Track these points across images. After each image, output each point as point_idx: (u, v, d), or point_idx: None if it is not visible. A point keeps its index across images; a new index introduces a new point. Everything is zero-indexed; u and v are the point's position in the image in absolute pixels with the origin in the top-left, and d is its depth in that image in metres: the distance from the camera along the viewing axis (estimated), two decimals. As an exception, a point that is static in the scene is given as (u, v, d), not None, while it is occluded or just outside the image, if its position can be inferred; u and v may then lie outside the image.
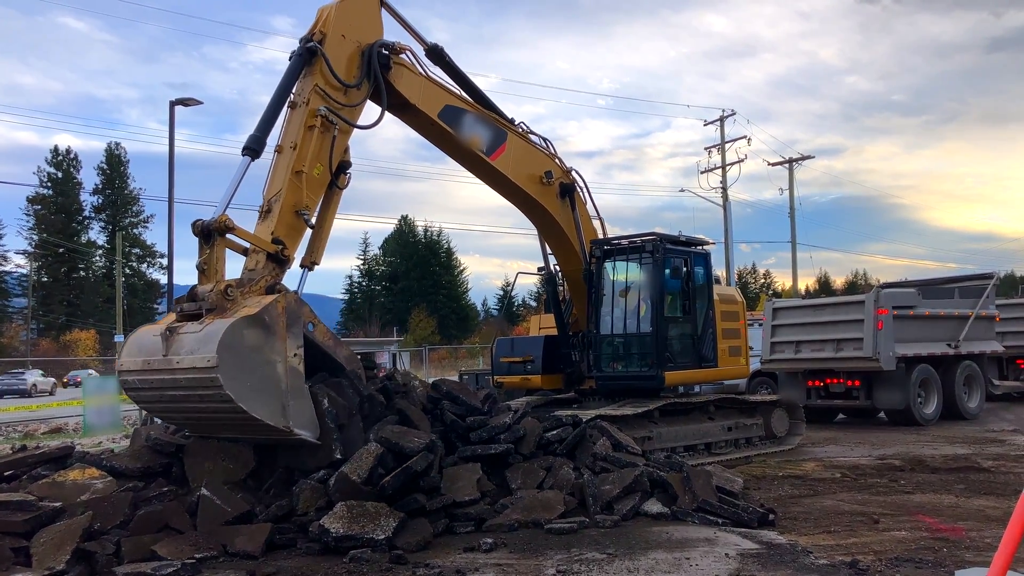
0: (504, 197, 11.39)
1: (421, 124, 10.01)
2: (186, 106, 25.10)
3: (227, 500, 6.92)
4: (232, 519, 6.79)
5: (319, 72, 8.45)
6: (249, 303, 7.30)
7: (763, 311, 17.76)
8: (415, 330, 69.82)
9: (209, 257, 7.44)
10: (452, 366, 43.22)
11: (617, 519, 7.35)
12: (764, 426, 12.87)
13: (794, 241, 47.05)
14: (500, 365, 12.74)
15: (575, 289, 12.42)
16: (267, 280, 7.75)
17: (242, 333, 6.95)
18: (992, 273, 18.55)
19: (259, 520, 6.88)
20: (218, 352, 6.71)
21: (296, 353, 7.34)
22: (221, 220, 7.40)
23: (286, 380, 7.23)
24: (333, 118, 8.46)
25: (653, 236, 12.07)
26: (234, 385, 6.81)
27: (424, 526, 6.87)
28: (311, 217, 8.30)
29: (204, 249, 7.50)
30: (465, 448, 8.06)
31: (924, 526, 7.20)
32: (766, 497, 8.66)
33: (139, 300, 77.06)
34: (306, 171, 8.19)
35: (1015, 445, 12.64)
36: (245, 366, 6.95)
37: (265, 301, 7.26)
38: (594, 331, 12.05)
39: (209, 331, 6.92)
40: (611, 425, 9.48)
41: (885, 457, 11.59)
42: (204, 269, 7.45)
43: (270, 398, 7.11)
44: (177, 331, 7.11)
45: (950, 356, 16.19)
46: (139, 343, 7.48)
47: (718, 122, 43.64)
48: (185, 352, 6.94)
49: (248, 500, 7.16)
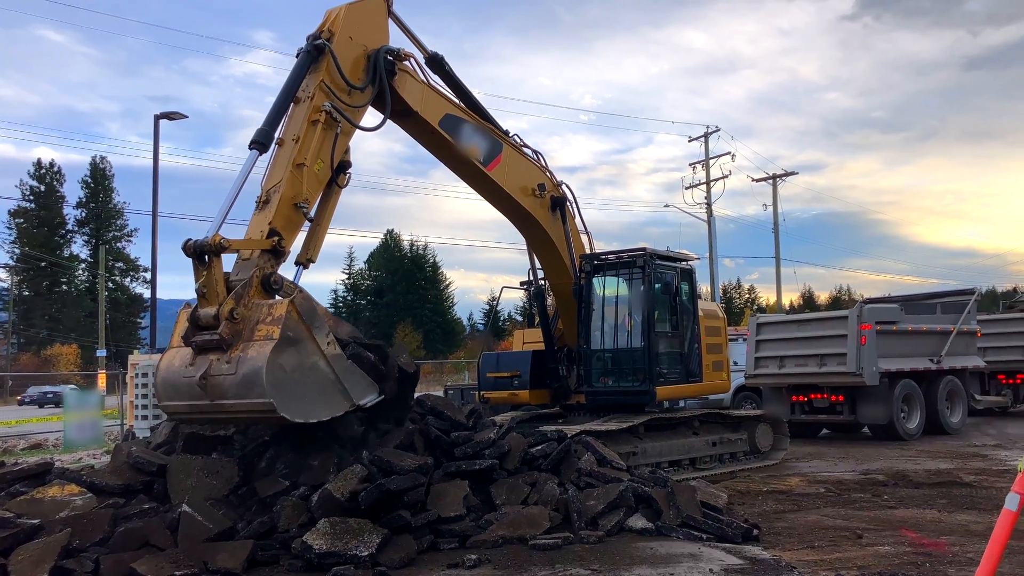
0: (497, 209, 11.41)
1: (421, 132, 9.98)
2: (171, 120, 25.06)
3: (209, 517, 6.86)
4: (214, 536, 6.72)
5: (325, 70, 8.42)
6: (262, 317, 7.08)
7: (747, 326, 17.83)
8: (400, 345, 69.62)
9: (208, 280, 7.13)
10: (438, 381, 43.08)
11: (602, 535, 7.33)
12: (748, 441, 12.90)
13: (778, 257, 47.35)
14: (487, 380, 12.70)
15: (563, 303, 12.42)
16: (261, 271, 7.44)
17: (279, 364, 6.86)
18: (973, 289, 18.73)
19: (241, 537, 6.82)
20: (270, 395, 6.71)
21: (329, 341, 7.33)
22: (215, 240, 7.09)
23: (333, 369, 7.29)
24: (336, 115, 8.42)
25: (643, 251, 12.12)
26: (296, 409, 6.92)
27: (408, 542, 6.82)
28: (310, 210, 8.19)
29: (200, 271, 7.18)
30: (450, 464, 8.02)
31: (907, 541, 7.23)
32: (750, 512, 8.67)
33: (122, 314, 76.48)
34: (307, 164, 8.11)
35: (997, 460, 12.72)
36: (297, 389, 6.99)
37: (277, 313, 7.05)
38: (584, 346, 12.05)
39: (248, 375, 6.79)
40: (596, 440, 9.47)
41: (869, 472, 11.63)
42: (204, 292, 7.12)
43: (329, 396, 7.26)
44: (211, 376, 6.93)
45: (932, 371, 16.30)
46: (174, 386, 7.24)
47: (702, 138, 43.95)
48: (233, 396, 6.87)
49: (230, 517, 7.10)
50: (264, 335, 6.94)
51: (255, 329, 7.02)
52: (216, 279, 7.10)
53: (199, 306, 7.10)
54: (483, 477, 8.03)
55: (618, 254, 12.54)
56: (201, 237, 7.16)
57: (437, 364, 57.28)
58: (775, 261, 47.39)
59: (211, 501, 7.19)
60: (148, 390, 14.18)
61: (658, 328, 11.94)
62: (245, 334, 7.01)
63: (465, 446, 8.18)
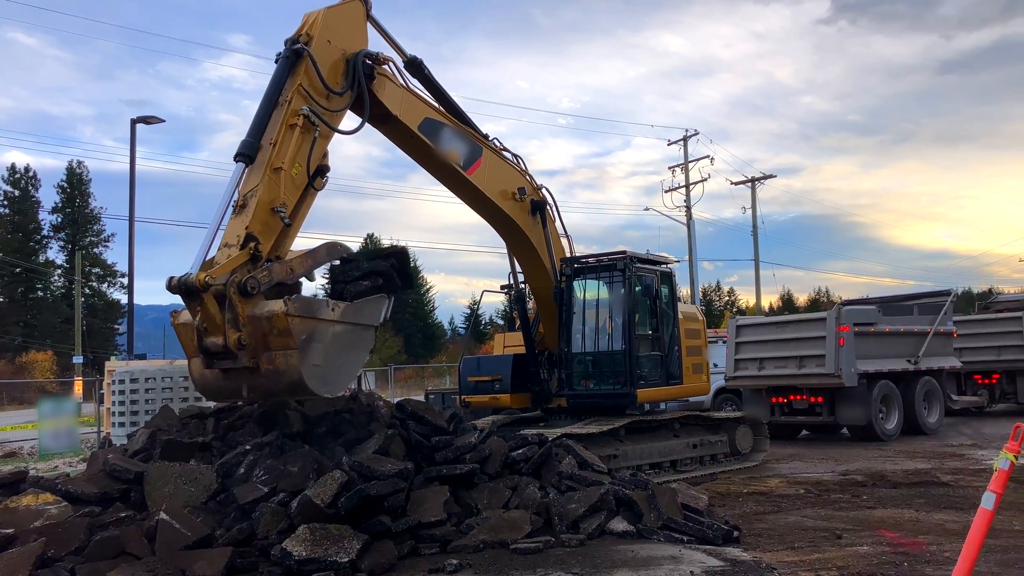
0: (477, 212, 11.40)
1: (400, 136, 9.96)
2: (148, 124, 24.86)
3: (186, 524, 6.78)
4: (191, 543, 6.64)
5: (303, 73, 8.35)
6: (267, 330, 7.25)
7: (727, 329, 17.91)
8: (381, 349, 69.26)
9: (205, 314, 7.13)
10: (418, 385, 42.92)
11: (583, 538, 7.31)
12: (729, 443, 12.95)
13: (757, 259, 47.65)
14: (467, 384, 12.67)
15: (544, 307, 12.42)
16: (235, 283, 7.30)
17: (311, 366, 7.30)
18: (950, 290, 18.93)
19: (219, 544, 6.74)
20: (318, 391, 7.45)
21: (332, 307, 7.67)
22: (200, 281, 7.00)
23: (350, 323, 7.80)
24: (315, 119, 8.36)
25: (623, 254, 12.17)
26: (342, 380, 7.80)
27: (389, 548, 6.78)
28: (287, 215, 8.12)
29: (194, 307, 7.19)
30: (430, 469, 7.99)
31: (886, 541, 7.28)
32: (731, 514, 8.70)
33: (99, 320, 75.68)
34: (285, 169, 8.04)
35: (973, 459, 12.84)
36: (334, 366, 7.60)
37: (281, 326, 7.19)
38: (565, 349, 12.07)
39: (289, 385, 7.37)
40: (577, 443, 9.47)
41: (848, 473, 11.71)
42: (206, 327, 7.15)
43: (358, 342, 7.99)
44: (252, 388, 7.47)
45: (910, 372, 16.44)
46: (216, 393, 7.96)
47: (681, 142, 44.15)
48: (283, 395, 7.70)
49: (208, 524, 7.02)
50: (281, 345, 7.24)
51: (268, 339, 7.27)
52: (212, 313, 7.14)
53: (203, 335, 7.20)
54: (464, 481, 8.01)
55: (598, 257, 12.58)
56: (184, 273, 7.15)
57: (418, 369, 57.01)
58: (754, 263, 47.74)
59: (189, 508, 7.10)
60: (125, 396, 14.03)
61: (639, 331, 12.00)
62: (260, 343, 7.29)
63: (446, 451, 8.16)
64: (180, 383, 13.93)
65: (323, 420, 8.53)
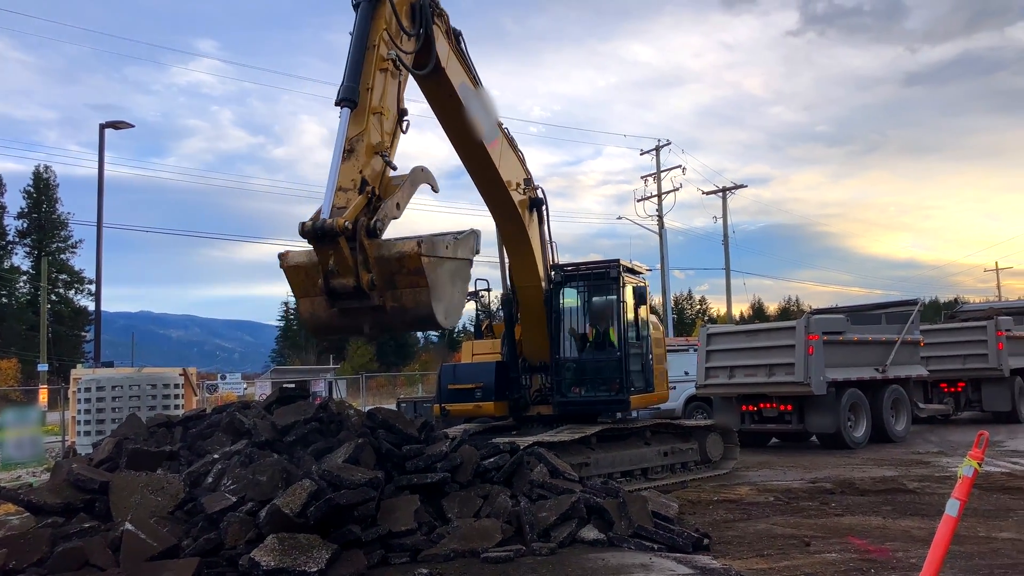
0: (484, 196, 11.41)
1: (441, 94, 9.94)
2: (116, 129, 24.57)
3: (153, 534, 6.69)
4: (157, 554, 6.55)
5: (384, 17, 8.47)
6: (396, 269, 7.52)
7: (698, 337, 18.01)
8: (353, 358, 68.95)
9: (338, 257, 7.27)
10: (391, 394, 42.75)
11: (554, 546, 7.32)
12: (699, 451, 13.01)
13: (728, 268, 47.99)
14: (448, 392, 12.42)
15: (529, 312, 12.34)
16: (364, 227, 7.49)
17: (440, 304, 7.68)
18: (917, 299, 19.15)
19: (186, 554, 6.66)
20: (445, 325, 7.93)
21: (447, 244, 7.95)
22: (340, 225, 7.13)
23: (460, 259, 8.18)
24: (399, 63, 8.57)
25: (616, 262, 12.35)
26: (460, 308, 8.32)
27: (358, 558, 6.74)
28: (391, 157, 8.30)
29: (325, 251, 7.29)
30: (401, 477, 7.95)
31: (853, 548, 7.34)
32: (701, 522, 8.73)
33: (65, 327, 74.54)
34: (383, 113, 8.23)
35: (939, 467, 13.00)
36: (454, 299, 8.05)
37: (413, 267, 7.47)
38: (558, 355, 12.13)
39: (416, 320, 7.76)
40: (548, 452, 9.46)
41: (817, 480, 11.80)
42: (336, 270, 7.31)
43: (467, 271, 8.39)
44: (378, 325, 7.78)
45: (878, 380, 16.61)
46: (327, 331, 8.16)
47: (654, 151, 44.43)
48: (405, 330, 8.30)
49: (175, 534, 6.93)
50: (409, 284, 7.54)
51: (396, 277, 7.53)
52: (345, 255, 7.28)
53: (331, 278, 7.35)
54: (435, 490, 7.98)
55: (590, 265, 12.78)
56: (316, 218, 7.21)
57: (390, 377, 56.79)
58: (725, 272, 48.04)
59: (155, 518, 7.01)
60: (91, 405, 13.82)
61: (629, 338, 12.22)
62: (387, 282, 7.52)
63: (417, 459, 8.12)
64: (148, 391, 13.75)
65: (292, 429, 8.46)
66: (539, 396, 12.31)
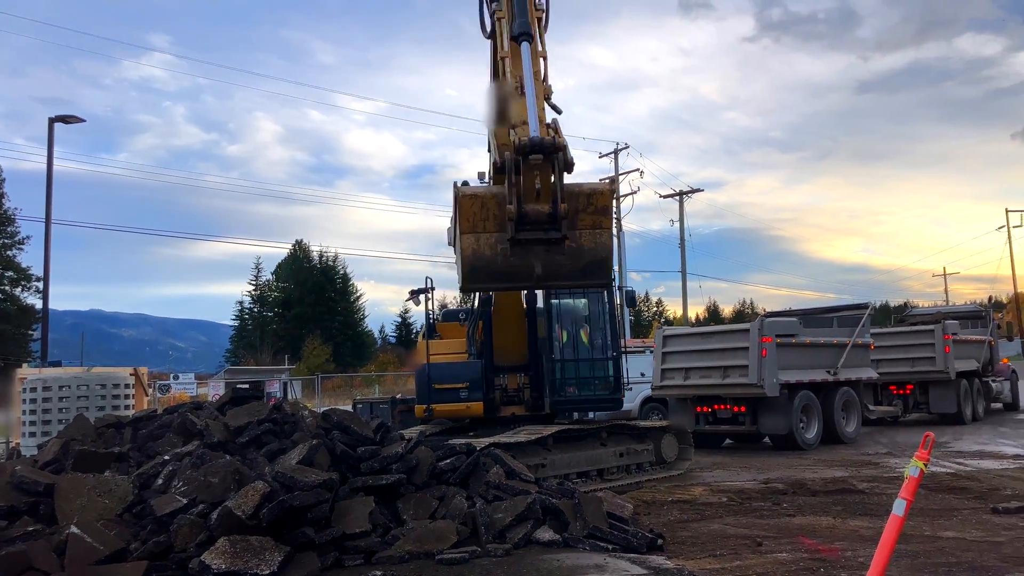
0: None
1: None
2: (67, 124, 24.05)
3: (99, 538, 6.54)
4: (104, 558, 6.42)
5: None
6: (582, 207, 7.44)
7: (654, 339, 18.15)
8: (309, 358, 68.23)
9: (544, 179, 7.23)
10: (347, 395, 42.42)
11: (509, 548, 7.31)
12: (655, 452, 13.10)
13: (684, 271, 48.48)
14: (434, 392, 12.09)
15: (507, 310, 12.31)
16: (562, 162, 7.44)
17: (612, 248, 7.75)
18: (868, 303, 19.52)
19: (134, 558, 6.53)
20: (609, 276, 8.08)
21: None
22: (561, 142, 7.19)
23: None
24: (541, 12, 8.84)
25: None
26: None
27: (312, 560, 6.67)
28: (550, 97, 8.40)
29: (531, 173, 7.23)
30: (356, 479, 7.88)
31: (804, 548, 7.45)
32: (655, 522, 8.80)
33: (11, 326, 72.67)
34: (544, 57, 8.38)
35: (888, 467, 13.26)
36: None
37: (601, 204, 7.51)
38: (554, 356, 12.32)
39: (589, 264, 7.55)
40: (505, 453, 9.46)
41: (769, 481, 11.96)
42: (538, 192, 7.26)
43: None
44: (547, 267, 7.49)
45: (829, 383, 16.86)
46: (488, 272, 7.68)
47: (612, 154, 44.72)
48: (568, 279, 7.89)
49: (123, 537, 6.79)
50: (591, 224, 7.46)
51: (578, 216, 7.39)
52: (550, 179, 7.25)
53: (525, 202, 7.23)
54: (390, 492, 7.93)
55: None
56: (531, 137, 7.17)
57: (347, 378, 56.31)
58: (682, 275, 48.53)
59: (102, 521, 6.87)
60: (37, 405, 13.48)
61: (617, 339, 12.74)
62: (571, 222, 7.40)
63: (371, 461, 8.07)
64: (96, 391, 13.45)
65: (245, 430, 8.35)
66: (515, 396, 12.40)
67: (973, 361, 21.20)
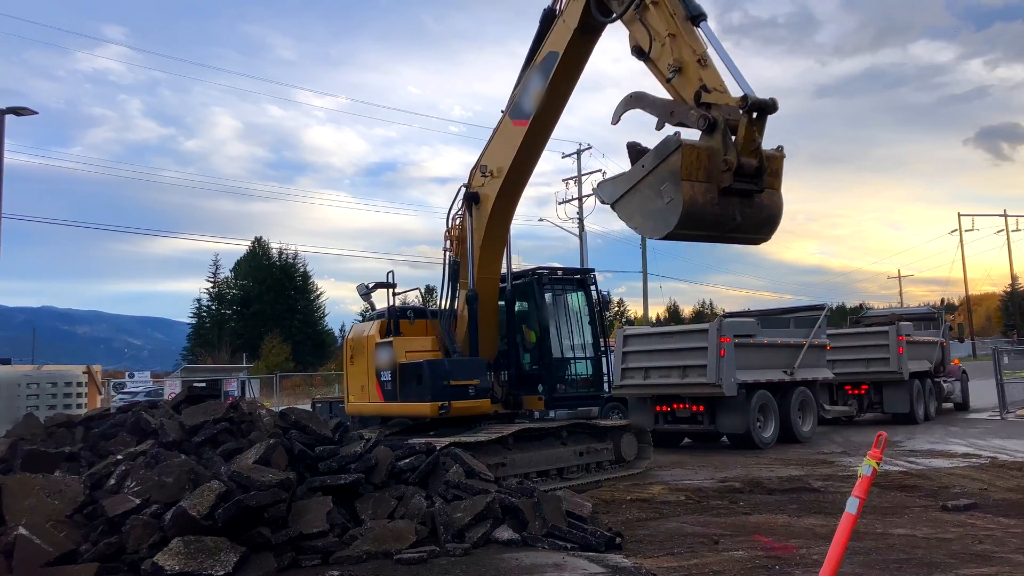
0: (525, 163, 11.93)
1: (588, 50, 10.96)
2: (18, 115, 23.52)
3: (49, 539, 6.42)
4: (54, 560, 6.29)
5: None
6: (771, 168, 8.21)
7: (615, 338, 18.25)
8: (268, 356, 67.50)
9: (761, 134, 7.89)
10: (306, 394, 42.05)
11: (468, 547, 7.30)
12: (614, 450, 13.16)
13: (645, 271, 48.85)
14: (445, 389, 11.70)
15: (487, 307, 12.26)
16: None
17: None
18: (824, 305, 19.80)
19: (85, 560, 6.41)
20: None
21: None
22: (774, 103, 7.81)
23: None
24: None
25: (592, 270, 13.59)
26: None
27: (268, 560, 6.60)
28: None
29: (752, 128, 7.82)
30: (313, 479, 7.82)
31: (760, 546, 7.53)
32: (614, 521, 8.84)
33: (-40, 323, 70.99)
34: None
35: (842, 466, 13.47)
36: None
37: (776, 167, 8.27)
38: (552, 355, 12.72)
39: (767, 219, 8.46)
40: (465, 452, 9.44)
41: (726, 480, 12.08)
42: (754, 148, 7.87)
43: None
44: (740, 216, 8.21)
45: (786, 383, 17.06)
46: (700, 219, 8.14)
47: (575, 155, 44.90)
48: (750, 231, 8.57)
49: (74, 538, 6.66)
50: (768, 184, 8.19)
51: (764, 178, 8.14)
52: (759, 137, 7.93)
53: (742, 155, 7.85)
54: (349, 492, 7.88)
55: (565, 270, 13.73)
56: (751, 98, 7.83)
57: (307, 376, 55.81)
58: (642, 276, 48.89)
59: (52, 523, 6.73)
60: (-14, 404, 13.16)
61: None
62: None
63: (330, 460, 8.01)
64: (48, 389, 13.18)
65: (201, 429, 8.24)
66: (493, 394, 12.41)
67: (926, 362, 21.62)
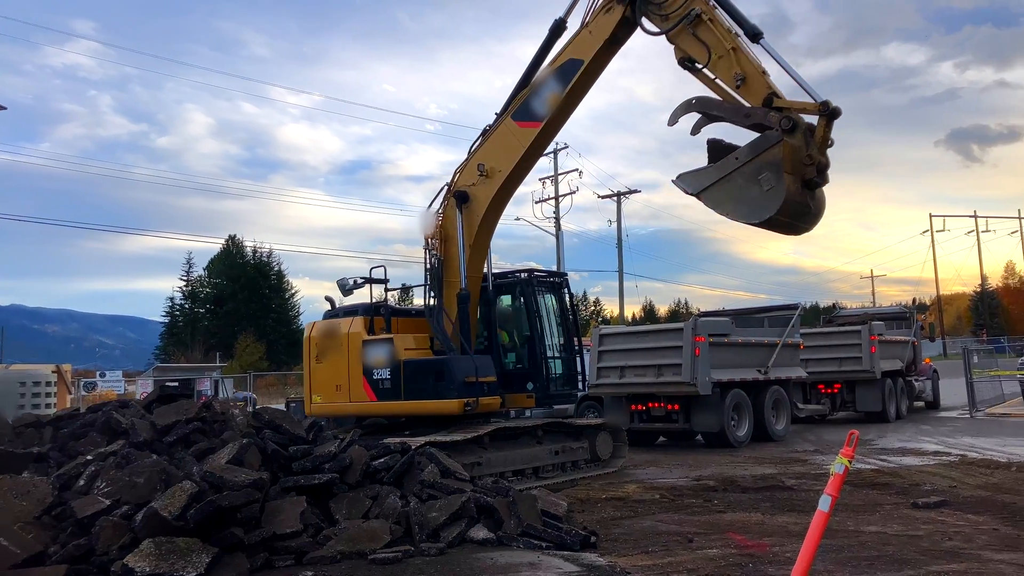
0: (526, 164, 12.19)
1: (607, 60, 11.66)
2: (-13, 111, 23.14)
3: (16, 541, 6.31)
4: (20, 562, 6.19)
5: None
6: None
7: (591, 338, 18.28)
8: (241, 355, 66.97)
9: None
10: (281, 393, 41.75)
11: (443, 547, 7.28)
12: (590, 449, 13.19)
13: (621, 271, 49.01)
14: (470, 386, 11.59)
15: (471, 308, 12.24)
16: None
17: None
18: (797, 304, 19.98)
19: (53, 562, 6.32)
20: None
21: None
22: (838, 111, 8.95)
23: None
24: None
25: (566, 274, 14.20)
26: None
27: (240, 561, 6.53)
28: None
29: (827, 128, 8.97)
30: (287, 478, 7.76)
31: (734, 543, 7.57)
32: (589, 520, 8.85)
33: (-73, 321, 69.79)
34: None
35: (815, 464, 13.59)
36: None
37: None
38: (545, 353, 12.98)
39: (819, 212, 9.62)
40: (440, 452, 9.41)
41: (701, 478, 12.14)
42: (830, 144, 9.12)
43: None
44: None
45: (760, 381, 17.19)
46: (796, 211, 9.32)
47: (552, 154, 44.94)
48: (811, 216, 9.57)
49: (42, 540, 6.56)
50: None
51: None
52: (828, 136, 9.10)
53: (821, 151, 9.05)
54: (323, 492, 7.83)
55: (549, 272, 14.18)
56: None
57: (281, 376, 55.41)
58: (618, 275, 49.05)
59: (19, 524, 6.62)
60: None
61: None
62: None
63: (304, 460, 7.96)
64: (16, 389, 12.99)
65: (173, 429, 8.16)
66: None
67: (897, 361, 21.88)
